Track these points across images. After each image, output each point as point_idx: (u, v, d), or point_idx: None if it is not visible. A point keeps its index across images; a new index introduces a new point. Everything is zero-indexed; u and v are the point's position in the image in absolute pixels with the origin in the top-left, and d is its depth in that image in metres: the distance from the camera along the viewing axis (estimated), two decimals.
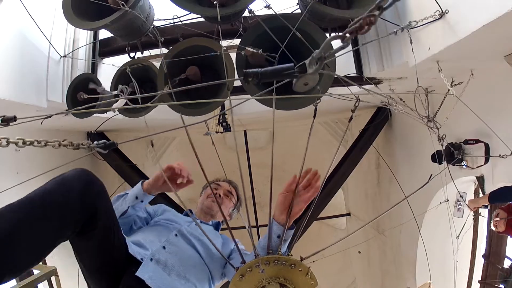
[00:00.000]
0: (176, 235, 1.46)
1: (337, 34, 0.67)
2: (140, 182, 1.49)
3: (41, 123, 0.98)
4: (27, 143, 0.92)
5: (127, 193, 1.50)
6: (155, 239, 1.40)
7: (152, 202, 1.60)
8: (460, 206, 3.10)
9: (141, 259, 1.26)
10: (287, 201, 1.24)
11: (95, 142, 0.99)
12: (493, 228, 2.77)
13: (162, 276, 1.26)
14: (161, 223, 1.57)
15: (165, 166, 1.44)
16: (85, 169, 1.08)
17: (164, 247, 1.37)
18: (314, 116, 1.38)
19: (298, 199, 1.24)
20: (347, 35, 0.61)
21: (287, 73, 0.81)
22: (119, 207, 1.46)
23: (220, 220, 1.79)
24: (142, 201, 1.49)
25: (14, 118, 0.88)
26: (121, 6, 2.06)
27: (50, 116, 1.00)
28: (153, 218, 1.63)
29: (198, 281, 1.38)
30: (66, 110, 2.73)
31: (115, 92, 2.20)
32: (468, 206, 2.77)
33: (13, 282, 2.26)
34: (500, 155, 2.46)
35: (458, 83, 2.56)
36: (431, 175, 1.41)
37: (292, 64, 0.81)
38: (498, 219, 2.65)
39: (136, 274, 1.20)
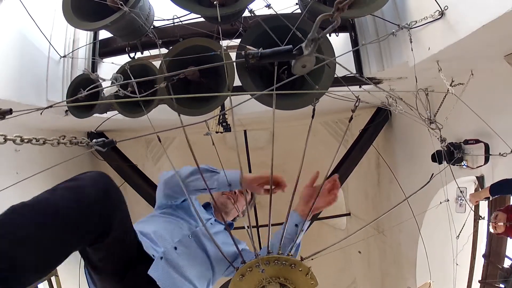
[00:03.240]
0: (189, 236, 1.44)
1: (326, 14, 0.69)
2: (240, 171, 1.39)
3: (41, 113, 0.97)
4: (25, 140, 0.90)
5: (217, 172, 1.41)
6: (168, 236, 1.37)
7: None
8: (461, 201, 3.09)
9: (152, 255, 1.25)
10: (312, 195, 1.30)
11: (94, 140, 0.98)
12: (492, 230, 2.76)
13: (170, 277, 1.26)
14: (176, 216, 1.53)
15: (279, 178, 1.38)
16: (102, 174, 1.02)
17: (175, 248, 1.35)
18: (313, 117, 1.38)
19: (322, 198, 1.30)
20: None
21: (285, 54, 0.82)
22: (200, 182, 1.36)
23: (232, 218, 1.80)
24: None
25: (10, 111, 0.87)
26: (120, 6, 2.06)
27: (51, 106, 1.00)
28: (180, 202, 1.60)
29: (201, 284, 1.39)
30: (67, 112, 2.73)
31: (108, 84, 2.18)
32: (469, 200, 2.76)
33: None
34: (500, 153, 2.46)
35: (458, 84, 2.56)
36: (433, 174, 1.41)
37: (290, 45, 0.82)
38: (501, 223, 2.63)
39: (148, 272, 1.19)
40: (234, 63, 2.31)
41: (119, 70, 2.56)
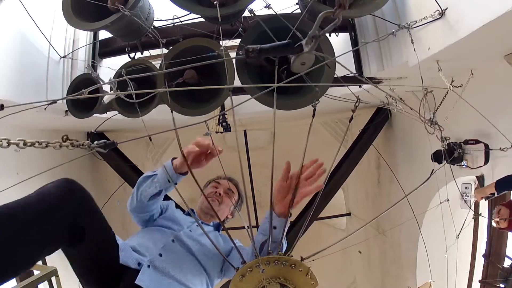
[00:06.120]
0: (173, 240, 1.45)
1: (328, 11, 0.69)
2: (170, 161, 1.37)
3: (45, 109, 0.98)
4: (28, 144, 0.92)
5: (156, 174, 1.40)
6: (152, 245, 1.39)
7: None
8: (466, 197, 3.09)
9: (139, 264, 1.26)
10: (283, 190, 1.21)
11: (95, 142, 0.99)
12: (494, 224, 2.76)
13: (161, 282, 1.26)
14: (159, 225, 1.56)
15: (186, 150, 1.32)
16: (67, 178, 1.07)
17: (160, 254, 1.36)
18: (313, 116, 1.38)
19: (301, 190, 1.18)
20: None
21: (284, 48, 0.82)
22: (148, 189, 1.39)
23: (221, 220, 1.79)
24: (175, 183, 1.40)
25: (1, 107, 0.88)
26: (120, 9, 2.06)
27: (55, 102, 1.00)
28: (162, 213, 1.63)
29: (195, 285, 1.38)
30: (67, 108, 2.73)
31: (108, 87, 2.19)
32: (474, 196, 2.76)
33: (13, 282, 2.26)
34: (500, 148, 2.44)
35: (459, 85, 2.56)
36: (433, 170, 1.41)
37: (290, 40, 0.82)
38: (501, 219, 2.63)
39: (135, 282, 1.19)
40: (234, 64, 2.31)
41: (118, 72, 2.57)
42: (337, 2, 0.67)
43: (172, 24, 2.76)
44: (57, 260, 2.56)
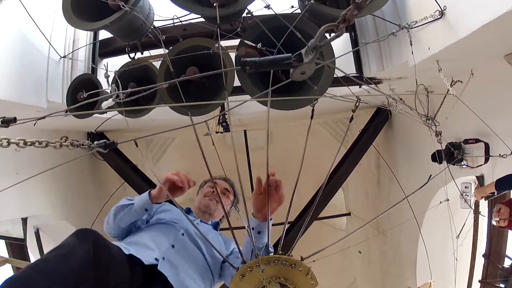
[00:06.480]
0: (183, 234, 1.48)
1: (330, 23, 0.67)
2: (147, 193, 1.46)
3: (34, 124, 0.97)
4: (28, 143, 0.92)
5: (132, 203, 1.46)
6: (164, 239, 1.42)
7: None
8: (467, 197, 3.09)
9: (156, 259, 1.28)
10: (259, 201, 1.28)
11: (95, 142, 0.99)
12: (494, 223, 2.76)
13: (175, 274, 1.29)
14: (166, 221, 1.57)
15: (163, 179, 1.43)
16: (83, 232, 1.06)
17: (173, 246, 1.40)
18: (312, 117, 1.39)
19: (271, 198, 1.27)
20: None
21: (284, 63, 0.81)
22: (126, 217, 1.45)
23: (219, 219, 1.80)
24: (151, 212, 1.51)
25: (14, 120, 0.88)
26: (121, 6, 2.06)
27: (51, 115, 1.00)
28: (153, 216, 1.63)
29: (203, 281, 1.40)
30: (66, 110, 2.73)
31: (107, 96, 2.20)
32: (474, 195, 2.76)
33: None
34: (500, 154, 2.46)
35: (457, 81, 2.55)
36: (430, 175, 1.41)
37: (290, 54, 0.82)
38: (502, 218, 2.62)
39: (158, 268, 1.23)
40: (234, 64, 2.31)
41: (119, 71, 2.56)
42: (342, 17, 0.65)
43: (172, 24, 2.76)
44: None
